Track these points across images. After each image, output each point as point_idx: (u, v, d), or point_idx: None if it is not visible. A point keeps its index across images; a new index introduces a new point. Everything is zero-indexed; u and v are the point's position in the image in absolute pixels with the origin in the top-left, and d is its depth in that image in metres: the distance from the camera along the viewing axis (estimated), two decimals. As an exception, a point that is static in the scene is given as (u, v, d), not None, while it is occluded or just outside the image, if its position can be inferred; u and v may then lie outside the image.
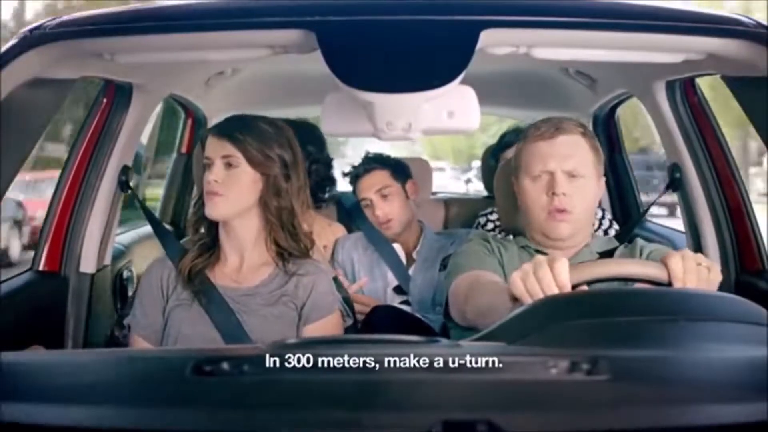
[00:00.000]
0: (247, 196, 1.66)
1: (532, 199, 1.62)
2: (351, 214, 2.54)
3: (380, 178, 2.38)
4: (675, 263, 1.21)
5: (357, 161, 2.51)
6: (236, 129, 1.66)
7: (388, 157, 2.47)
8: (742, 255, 1.94)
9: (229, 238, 1.71)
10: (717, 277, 1.24)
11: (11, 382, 0.82)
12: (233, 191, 1.65)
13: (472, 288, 1.48)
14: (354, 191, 2.47)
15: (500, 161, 2.73)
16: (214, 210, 1.65)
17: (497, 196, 1.90)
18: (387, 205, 2.36)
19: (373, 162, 2.42)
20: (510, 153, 2.65)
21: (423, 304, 2.28)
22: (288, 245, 1.70)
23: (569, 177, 1.59)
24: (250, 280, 1.70)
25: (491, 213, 2.59)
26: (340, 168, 2.59)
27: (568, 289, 1.18)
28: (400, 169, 2.42)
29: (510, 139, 2.74)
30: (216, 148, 1.66)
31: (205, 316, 1.65)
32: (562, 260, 1.19)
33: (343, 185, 2.63)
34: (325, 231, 2.43)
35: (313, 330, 1.67)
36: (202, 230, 1.74)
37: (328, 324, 1.69)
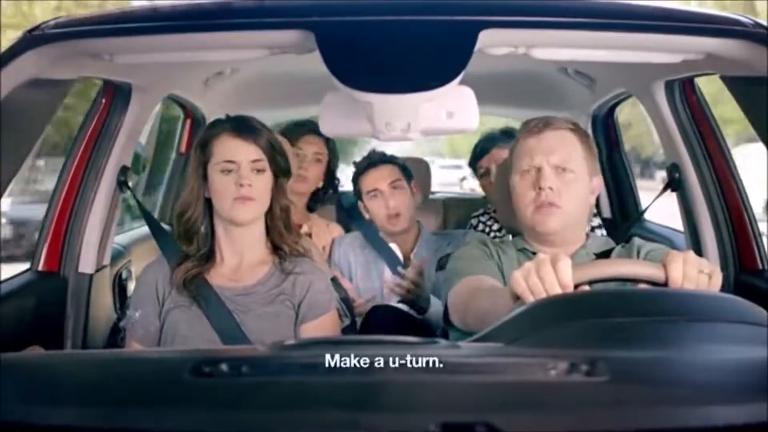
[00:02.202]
0: (268, 199, 1.69)
1: (521, 194, 1.60)
2: (349, 213, 2.55)
3: (391, 171, 2.42)
4: (675, 269, 1.18)
5: None
6: (258, 133, 1.66)
7: (394, 157, 2.51)
8: (742, 255, 1.93)
9: (231, 243, 1.71)
10: (717, 283, 1.20)
11: (11, 383, 0.82)
12: (262, 195, 1.67)
13: (473, 294, 1.47)
14: (358, 184, 2.46)
15: (478, 169, 2.73)
16: (246, 214, 1.65)
17: (496, 197, 1.90)
18: (398, 198, 2.38)
19: (383, 157, 2.46)
20: (485, 161, 2.66)
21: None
22: (283, 240, 1.71)
23: (557, 171, 1.57)
24: (247, 279, 1.70)
25: (482, 215, 2.60)
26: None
27: (570, 288, 1.16)
28: (406, 170, 2.47)
29: (485, 146, 2.74)
30: (243, 152, 1.65)
31: (203, 317, 1.65)
32: (566, 259, 1.17)
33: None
34: (323, 232, 2.44)
35: (309, 329, 1.67)
36: (197, 241, 1.71)
37: (324, 323, 1.69)
